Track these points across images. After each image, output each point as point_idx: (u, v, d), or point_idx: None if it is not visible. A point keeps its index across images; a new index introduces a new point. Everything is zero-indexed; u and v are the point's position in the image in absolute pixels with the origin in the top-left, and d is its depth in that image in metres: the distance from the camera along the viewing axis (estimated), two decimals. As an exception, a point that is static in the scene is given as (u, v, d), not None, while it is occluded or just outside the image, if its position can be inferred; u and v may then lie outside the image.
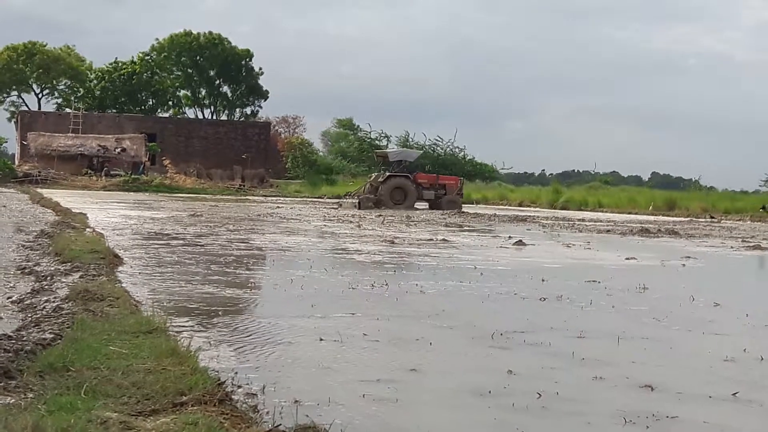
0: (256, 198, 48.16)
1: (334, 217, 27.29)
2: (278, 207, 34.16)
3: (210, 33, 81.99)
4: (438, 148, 71.12)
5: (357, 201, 37.17)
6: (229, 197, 46.48)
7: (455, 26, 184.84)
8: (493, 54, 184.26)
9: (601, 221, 32.56)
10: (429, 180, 38.59)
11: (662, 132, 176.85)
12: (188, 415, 3.83)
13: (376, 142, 71.12)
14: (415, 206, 37.36)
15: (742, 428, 4.49)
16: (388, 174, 37.75)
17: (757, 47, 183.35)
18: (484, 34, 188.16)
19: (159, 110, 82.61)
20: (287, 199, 48.70)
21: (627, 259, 14.79)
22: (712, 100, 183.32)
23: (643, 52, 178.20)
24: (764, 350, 6.49)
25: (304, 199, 49.74)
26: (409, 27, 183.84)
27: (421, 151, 39.23)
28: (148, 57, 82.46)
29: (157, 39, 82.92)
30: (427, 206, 37.86)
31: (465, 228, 24.02)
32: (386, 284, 9.76)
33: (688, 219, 38.52)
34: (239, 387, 4.77)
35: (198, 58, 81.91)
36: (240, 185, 58.68)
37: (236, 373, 5.10)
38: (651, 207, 47.22)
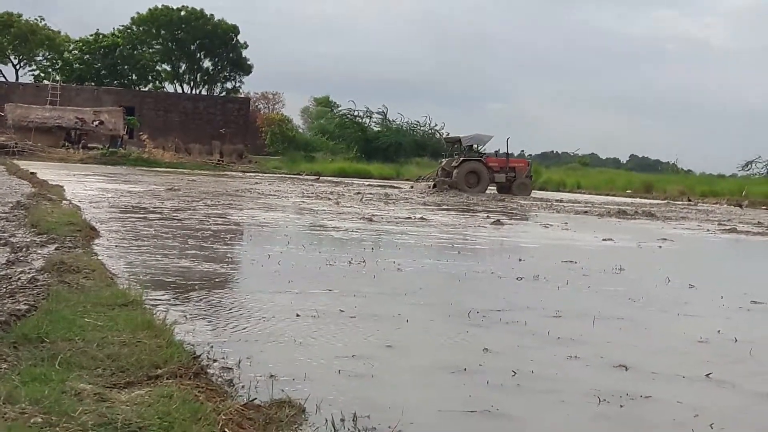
0: (234, 173, 47.99)
1: (313, 193, 27.24)
2: (257, 183, 34.07)
3: (191, 8, 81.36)
4: (417, 128, 71.13)
5: (432, 184, 37.03)
6: (207, 172, 46.28)
7: (435, 6, 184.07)
8: (473, 35, 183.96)
9: (579, 202, 32.70)
10: (499, 163, 38.23)
11: (641, 115, 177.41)
12: (163, 388, 3.82)
13: (358, 119, 71.05)
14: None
15: (714, 408, 4.52)
16: (462, 159, 37.70)
17: (736, 33, 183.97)
18: (465, 16, 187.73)
19: (140, 84, 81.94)
20: (266, 175, 48.56)
21: (604, 240, 14.87)
22: (691, 85, 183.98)
23: (623, 36, 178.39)
24: (738, 332, 6.54)
25: (283, 175, 49.61)
26: (388, 6, 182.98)
27: (493, 136, 38.81)
28: (129, 30, 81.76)
29: (138, 12, 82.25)
30: (497, 190, 37.64)
31: (443, 207, 24.05)
32: (364, 261, 9.76)
33: (665, 201, 38.75)
34: (215, 361, 4.76)
35: (178, 32, 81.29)
36: (218, 160, 58.42)
37: (212, 347, 5.09)
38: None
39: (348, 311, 6.63)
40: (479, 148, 39.17)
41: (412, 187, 37.98)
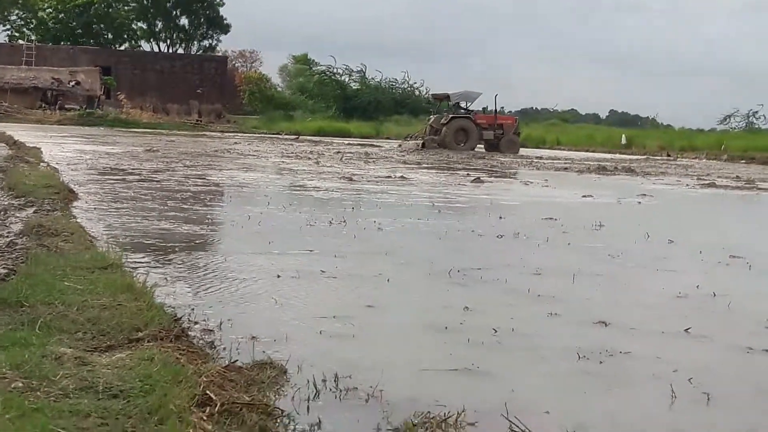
0: (213, 134, 47.73)
1: (293, 153, 27.16)
2: (236, 143, 33.91)
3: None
4: (396, 86, 70.89)
5: (420, 142, 36.86)
6: (185, 132, 46.00)
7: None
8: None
9: (559, 159, 32.77)
10: (488, 120, 38.16)
11: (620, 70, 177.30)
12: (144, 351, 3.82)
13: (337, 77, 70.69)
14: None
15: (693, 363, 4.56)
16: (450, 116, 37.52)
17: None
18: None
19: (116, 44, 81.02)
20: (245, 135, 48.34)
21: (584, 196, 14.92)
22: (671, 40, 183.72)
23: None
24: (717, 286, 6.59)
25: (262, 135, 49.40)
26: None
27: (481, 93, 38.67)
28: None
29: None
30: (484, 147, 37.54)
31: (423, 165, 24.04)
32: (344, 221, 9.75)
33: (645, 157, 38.89)
34: (196, 323, 4.76)
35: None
36: (197, 120, 58.10)
37: (193, 309, 5.08)
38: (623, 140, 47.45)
39: (329, 271, 6.63)
40: (468, 105, 39.10)
41: (400, 145, 37.81)
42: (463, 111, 38.38)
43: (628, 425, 3.74)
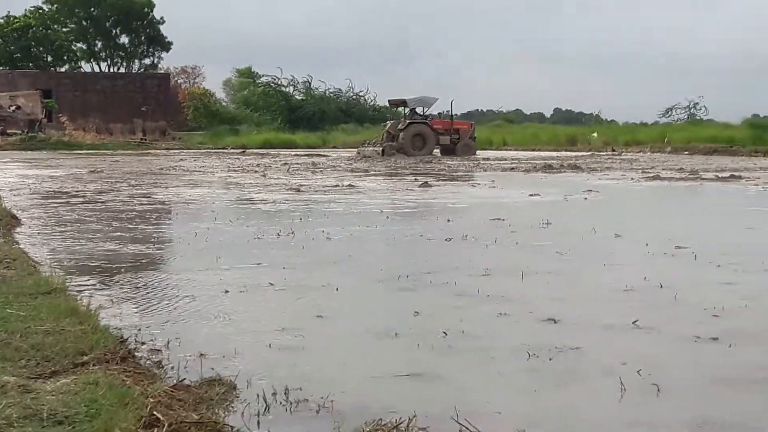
0: (158, 151, 47.33)
1: (239, 167, 27.02)
2: (181, 160, 33.66)
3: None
4: (341, 95, 70.96)
5: (380, 149, 36.78)
6: (130, 152, 45.57)
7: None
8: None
9: (505, 159, 32.96)
10: (444, 126, 38.32)
11: (563, 68, 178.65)
12: (89, 375, 3.76)
13: (282, 88, 70.56)
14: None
15: (641, 355, 4.59)
16: (408, 121, 37.67)
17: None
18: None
19: (55, 66, 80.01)
20: (191, 151, 47.99)
21: (531, 195, 15.02)
22: (610, 34, 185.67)
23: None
24: (663, 278, 6.65)
25: (208, 150, 49.07)
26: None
27: (438, 98, 38.91)
28: (41, 11, 79.68)
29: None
30: (440, 152, 37.72)
31: (371, 172, 24.04)
32: (292, 232, 9.71)
33: (590, 153, 39.25)
34: (143, 344, 4.70)
35: (93, 9, 79.46)
36: (141, 139, 57.58)
37: (139, 329, 5.02)
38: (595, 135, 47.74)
39: (277, 284, 6.60)
40: (425, 110, 39.29)
41: (358, 153, 37.79)
42: (419, 116, 38.57)
43: (580, 420, 3.76)
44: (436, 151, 37.91)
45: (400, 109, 41.00)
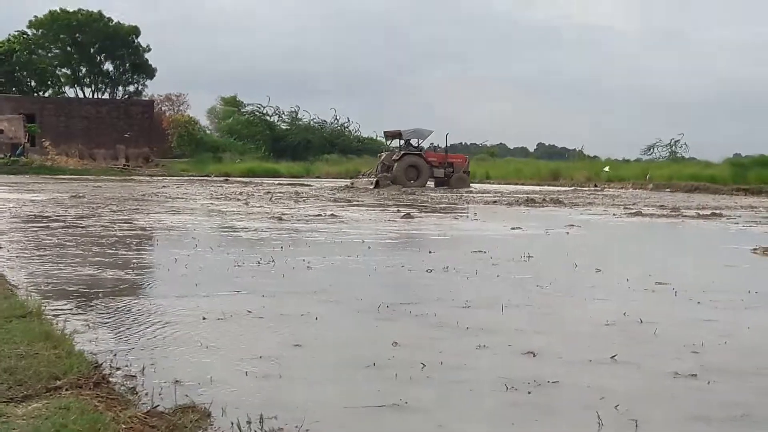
0: (141, 178, 47.23)
1: (222, 195, 26.96)
2: (164, 186, 33.59)
3: (89, 11, 79.49)
4: (326, 125, 71.17)
5: (374, 180, 36.87)
6: (112, 177, 45.47)
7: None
8: (374, 26, 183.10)
9: (488, 192, 33.06)
10: (438, 158, 38.70)
11: (548, 104, 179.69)
12: (61, 400, 3.71)
13: (266, 117, 70.71)
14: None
15: (619, 389, 4.57)
16: (402, 153, 37.87)
17: (635, 17, 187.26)
18: (370, 7, 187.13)
19: (39, 91, 79.81)
20: (173, 178, 47.91)
21: (513, 228, 15.03)
22: (595, 71, 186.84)
23: (525, 21, 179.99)
24: (643, 313, 6.64)
25: (191, 177, 49.02)
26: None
27: (433, 131, 39.32)
28: (25, 35, 79.60)
29: (35, 16, 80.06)
30: (434, 184, 37.89)
31: (354, 202, 24.03)
32: (273, 261, 9.67)
33: (573, 188, 39.42)
34: (118, 369, 4.65)
35: (78, 35, 79.47)
36: (124, 165, 57.48)
37: (115, 355, 4.97)
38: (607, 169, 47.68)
39: (256, 312, 6.55)
40: (419, 142, 39.50)
41: (352, 184, 37.91)
42: (413, 148, 38.78)
43: (557, 455, 3.72)
44: (430, 183, 38.13)
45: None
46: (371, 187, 35.59)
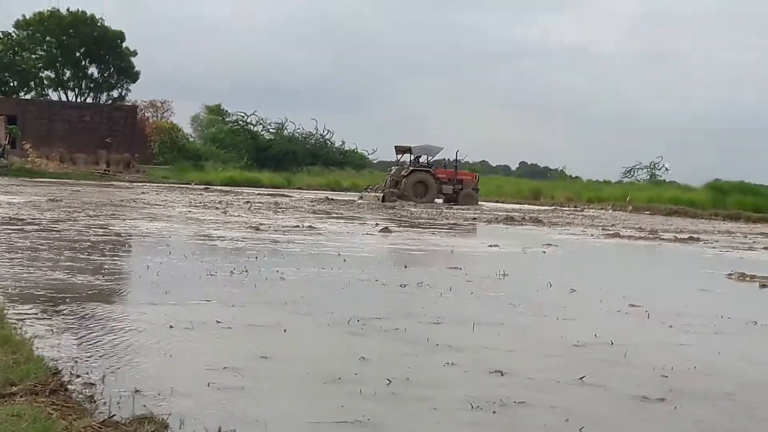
0: (121, 183, 46.98)
1: (201, 203, 26.84)
2: (143, 193, 33.42)
3: (78, 11, 79.09)
4: (310, 137, 71.08)
5: (381, 195, 36.77)
6: (92, 182, 45.20)
7: (316, 7, 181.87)
8: (359, 40, 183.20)
9: (468, 209, 33.01)
10: (447, 175, 38.63)
11: (531, 123, 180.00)
12: (14, 406, 3.63)
13: (250, 126, 70.60)
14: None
15: (585, 412, 4.52)
16: (411, 168, 37.86)
17: (619, 39, 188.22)
18: (352, 21, 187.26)
19: (21, 92, 79.34)
20: (154, 184, 47.67)
21: (490, 246, 14.99)
22: (578, 92, 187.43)
23: (509, 40, 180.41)
24: (614, 335, 6.61)
25: (172, 185, 48.78)
26: (267, 11, 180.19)
27: (443, 148, 39.37)
28: (8, 36, 79.15)
29: (23, 15, 79.61)
30: (443, 200, 37.89)
31: (333, 215, 23.96)
32: (246, 271, 9.60)
33: (553, 208, 39.47)
34: (78, 377, 4.57)
35: (64, 38, 79.08)
36: (105, 170, 57.15)
37: (76, 362, 4.89)
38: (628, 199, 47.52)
39: (225, 322, 6.48)
40: (429, 158, 39.50)
41: (361, 197, 37.86)
42: (422, 164, 38.82)
43: (519, 477, 3.67)
44: (439, 200, 38.24)
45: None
46: (378, 201, 35.57)
